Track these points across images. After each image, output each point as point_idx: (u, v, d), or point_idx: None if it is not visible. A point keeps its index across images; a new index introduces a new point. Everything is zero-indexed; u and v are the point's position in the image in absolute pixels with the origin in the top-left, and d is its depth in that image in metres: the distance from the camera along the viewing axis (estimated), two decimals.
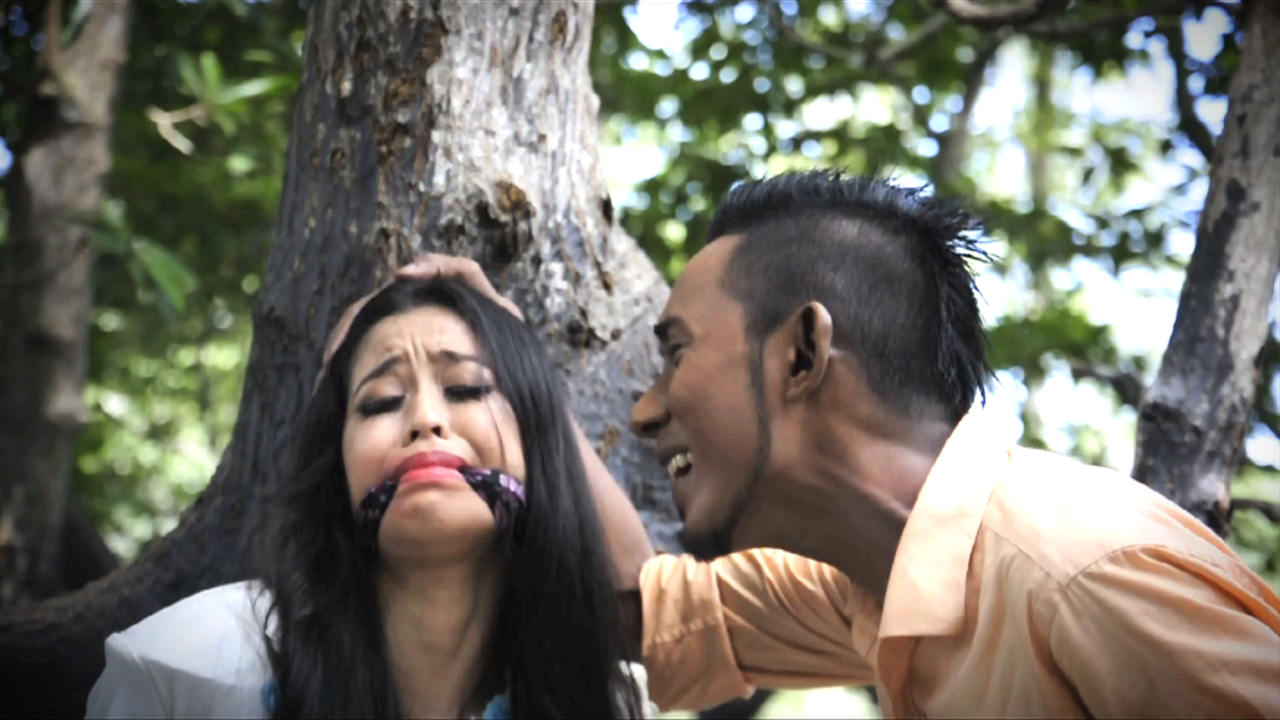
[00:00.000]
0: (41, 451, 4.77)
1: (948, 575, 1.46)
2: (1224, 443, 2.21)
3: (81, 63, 4.85)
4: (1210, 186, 2.31)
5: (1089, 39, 6.41)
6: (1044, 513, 1.41)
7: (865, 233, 1.59)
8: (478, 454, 1.67)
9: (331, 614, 1.62)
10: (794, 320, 1.55)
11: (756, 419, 1.55)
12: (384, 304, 1.77)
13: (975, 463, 1.51)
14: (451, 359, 1.70)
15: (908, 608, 1.47)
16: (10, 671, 2.10)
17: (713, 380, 1.58)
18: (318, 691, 1.57)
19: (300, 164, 2.08)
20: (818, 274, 1.57)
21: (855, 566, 1.58)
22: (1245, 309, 2.24)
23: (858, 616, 1.66)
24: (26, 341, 4.78)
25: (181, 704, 1.56)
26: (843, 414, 1.54)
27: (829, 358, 1.53)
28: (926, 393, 1.56)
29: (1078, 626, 1.32)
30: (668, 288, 2.27)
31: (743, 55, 7.54)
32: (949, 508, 1.48)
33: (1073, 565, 1.34)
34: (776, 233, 1.61)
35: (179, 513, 2.22)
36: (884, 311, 1.56)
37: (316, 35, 2.10)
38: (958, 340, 1.58)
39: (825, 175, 1.64)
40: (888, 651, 1.51)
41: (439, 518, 1.63)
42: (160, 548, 2.14)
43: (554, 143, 2.10)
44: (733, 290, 1.60)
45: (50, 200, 4.79)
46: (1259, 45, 2.31)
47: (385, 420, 1.68)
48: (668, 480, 2.22)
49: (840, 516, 1.54)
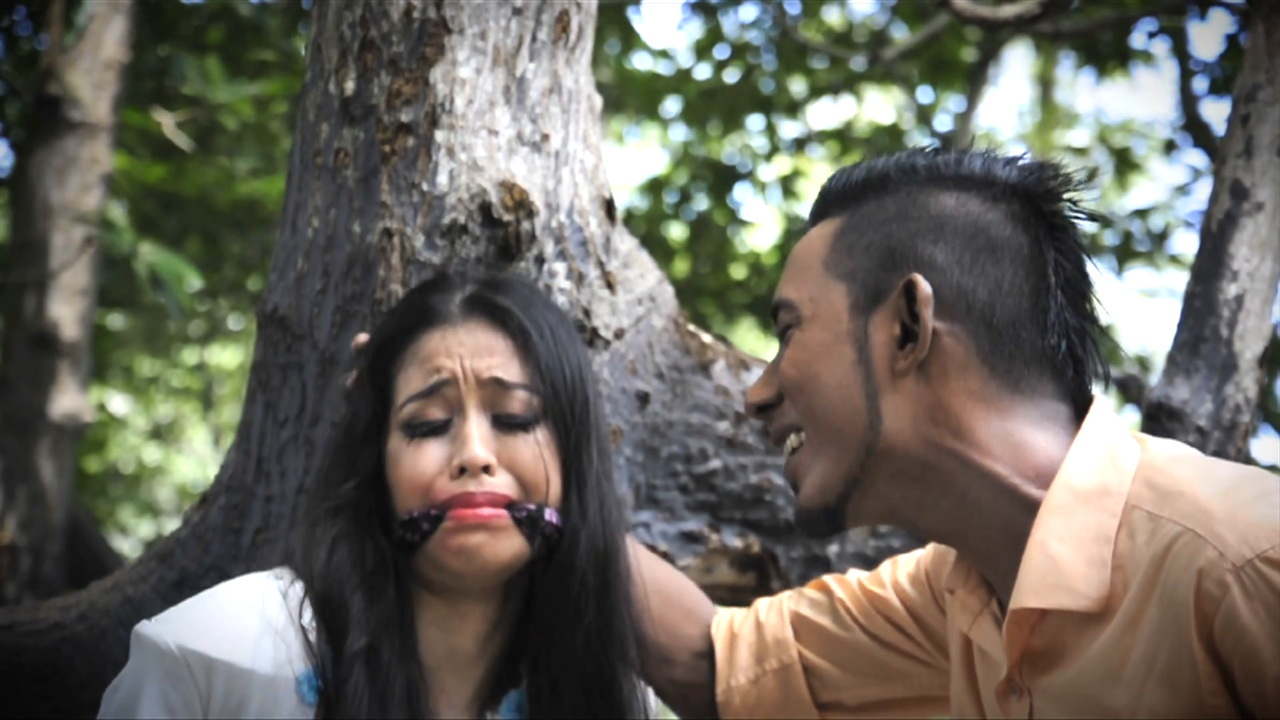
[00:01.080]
0: (45, 451, 4.78)
1: (1091, 551, 1.45)
2: (1228, 443, 2.21)
3: (85, 63, 4.86)
4: (1214, 186, 2.30)
5: (1093, 39, 6.41)
6: (1210, 494, 1.40)
7: (963, 203, 1.58)
8: (523, 489, 1.67)
9: (382, 631, 1.63)
10: (896, 294, 1.55)
11: (864, 394, 1.55)
12: (432, 313, 1.74)
13: (1114, 442, 1.51)
14: (501, 386, 1.69)
15: (1046, 581, 1.46)
16: (14, 670, 2.10)
17: (820, 358, 1.58)
18: (365, 704, 1.58)
19: (304, 163, 2.08)
20: (917, 248, 1.56)
21: (971, 542, 1.57)
22: (1249, 309, 2.24)
23: (960, 591, 1.64)
24: (30, 341, 4.79)
25: (219, 694, 1.55)
26: (954, 386, 1.53)
27: (934, 329, 1.53)
28: (1039, 368, 1.55)
29: (1248, 609, 1.31)
30: (670, 287, 2.27)
31: (746, 55, 7.55)
32: (1091, 484, 1.48)
33: (1249, 548, 1.33)
34: (875, 212, 1.61)
35: (182, 512, 2.22)
36: (988, 280, 1.55)
37: (320, 35, 2.10)
38: (1067, 308, 1.56)
39: (922, 153, 1.64)
40: (1014, 623, 1.50)
41: (483, 558, 1.64)
42: (164, 547, 2.14)
43: (557, 142, 2.10)
44: (836, 270, 1.60)
45: (54, 200, 4.80)
46: (1263, 45, 2.31)
47: (432, 445, 1.67)
48: (671, 480, 2.22)
49: (959, 492, 1.53)
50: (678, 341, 2.23)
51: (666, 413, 2.20)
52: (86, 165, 4.84)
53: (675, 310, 2.26)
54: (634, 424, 2.17)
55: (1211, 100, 6.60)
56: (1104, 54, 6.68)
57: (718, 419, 2.23)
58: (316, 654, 1.59)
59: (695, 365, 2.24)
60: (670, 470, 2.21)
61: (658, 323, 2.21)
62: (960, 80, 7.91)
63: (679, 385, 2.22)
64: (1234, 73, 4.43)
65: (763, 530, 2.28)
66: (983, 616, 1.59)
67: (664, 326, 2.22)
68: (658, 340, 2.20)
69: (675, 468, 2.22)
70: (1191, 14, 5.53)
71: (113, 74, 4.91)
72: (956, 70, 7.76)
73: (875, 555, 2.39)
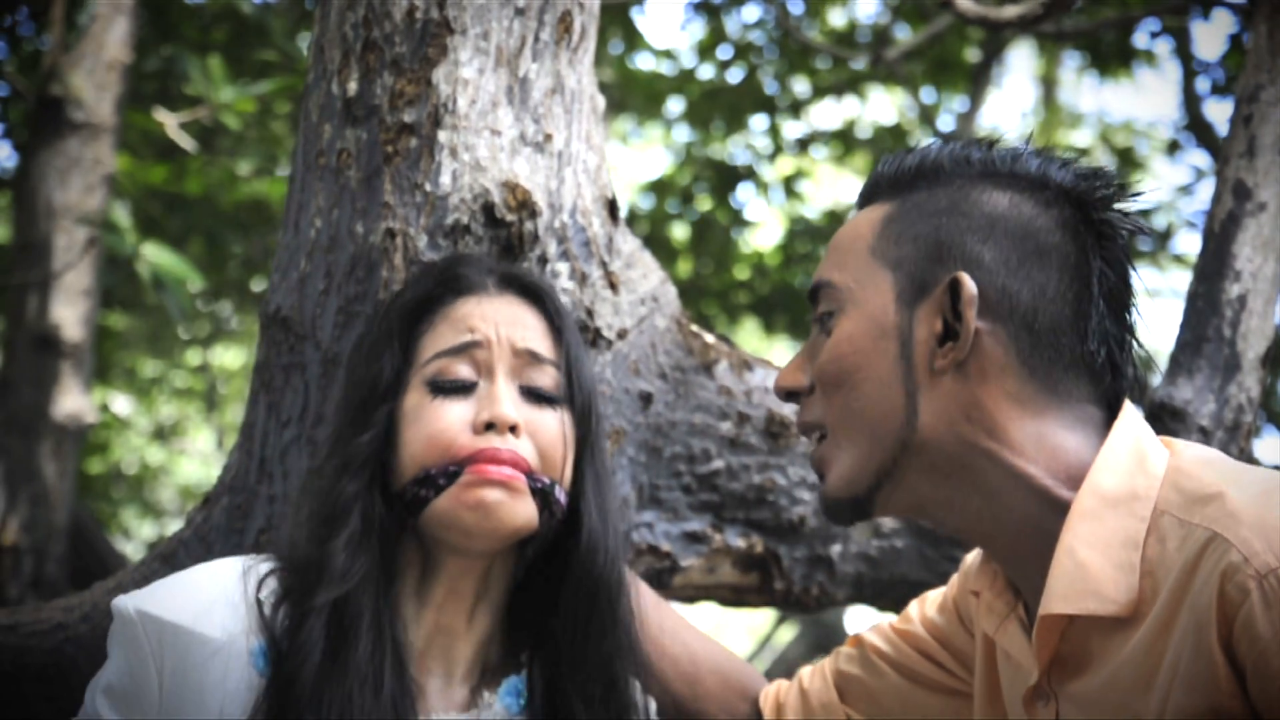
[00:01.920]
0: (48, 452, 4.78)
1: (1119, 557, 1.45)
2: (1231, 443, 2.21)
3: (88, 63, 4.86)
4: (1217, 186, 2.30)
5: (1096, 39, 6.41)
6: (1239, 499, 1.40)
7: (1016, 204, 1.58)
8: (542, 461, 1.67)
9: (355, 593, 1.62)
10: (941, 290, 1.55)
11: (904, 391, 1.55)
12: (466, 280, 1.74)
13: (1143, 447, 1.51)
14: (534, 359, 1.70)
15: (1075, 586, 1.46)
16: (17, 671, 2.10)
17: (864, 352, 1.57)
18: (317, 665, 1.57)
19: (306, 164, 2.09)
20: (966, 245, 1.56)
21: (999, 543, 1.57)
22: (1252, 309, 2.23)
23: (985, 593, 1.64)
24: (33, 342, 4.79)
25: (170, 657, 1.56)
26: (992, 386, 1.53)
27: (976, 329, 1.53)
28: (1076, 373, 1.55)
29: (1265, 617, 1.32)
30: (673, 287, 2.27)
31: (749, 55, 7.55)
32: (1120, 489, 1.48)
33: (1274, 556, 1.33)
34: (927, 203, 1.60)
35: (185, 513, 2.22)
36: (1033, 284, 1.55)
37: (322, 35, 2.11)
38: (1108, 317, 1.56)
39: (979, 145, 1.63)
40: (1044, 629, 1.50)
41: (499, 517, 1.63)
42: (167, 547, 2.14)
43: (560, 142, 2.10)
44: (883, 258, 1.59)
45: (57, 201, 4.80)
46: (1265, 45, 2.31)
47: (456, 403, 1.66)
48: (674, 480, 2.22)
49: (991, 492, 1.53)
50: (680, 342, 2.23)
51: (669, 413, 2.20)
52: (89, 166, 4.84)
53: (678, 310, 2.26)
54: (637, 424, 2.17)
55: (1214, 100, 6.60)
56: (1107, 54, 6.68)
57: (720, 419, 2.23)
58: (271, 627, 1.59)
59: (698, 365, 2.24)
60: (673, 470, 2.21)
61: (660, 323, 2.21)
62: (963, 80, 7.91)
63: (682, 385, 2.22)
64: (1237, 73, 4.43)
65: (766, 530, 2.28)
66: (1009, 621, 1.59)
67: (667, 327, 2.22)
68: (660, 340, 2.20)
69: (678, 468, 2.22)
70: (1194, 14, 5.53)
71: (116, 75, 4.91)
72: (959, 70, 7.76)
73: (878, 555, 2.39)
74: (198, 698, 1.55)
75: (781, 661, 9.87)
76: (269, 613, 1.60)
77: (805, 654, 9.83)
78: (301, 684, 1.55)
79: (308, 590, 1.62)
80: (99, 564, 5.19)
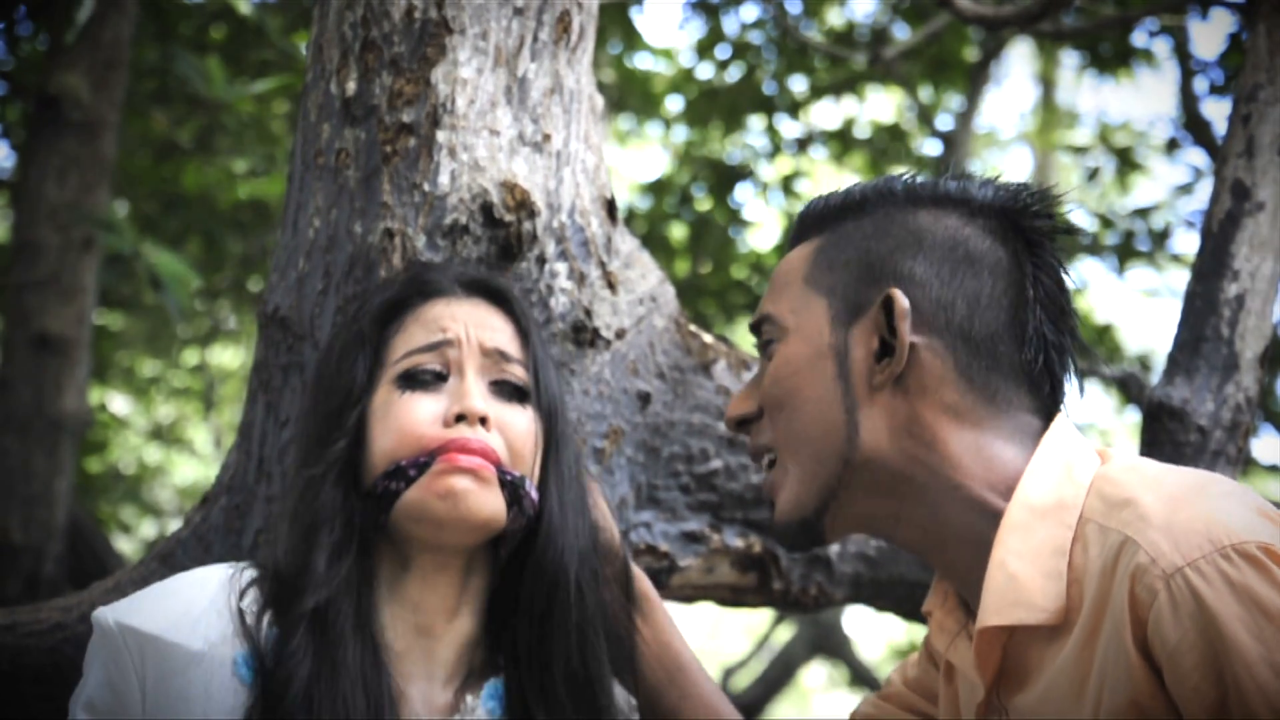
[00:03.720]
0: (46, 452, 4.77)
1: (1048, 565, 1.46)
2: (1229, 442, 2.21)
3: (86, 63, 4.85)
4: (1215, 186, 2.30)
5: (1094, 39, 6.41)
6: (1151, 502, 1.41)
7: (941, 219, 1.60)
8: (511, 456, 1.69)
9: (337, 597, 1.63)
10: (875, 309, 1.57)
11: (844, 408, 1.57)
12: (433, 285, 1.77)
13: (1072, 456, 1.52)
14: (503, 357, 1.72)
15: (1006, 598, 1.47)
16: (15, 671, 2.10)
17: (801, 372, 1.60)
18: (309, 671, 1.57)
19: (305, 164, 2.08)
20: (896, 262, 1.58)
21: (944, 557, 1.59)
22: (1250, 308, 2.24)
23: (937, 612, 1.66)
24: (31, 341, 4.78)
25: (152, 668, 1.56)
26: (930, 400, 1.55)
27: (912, 343, 1.55)
28: (1015, 382, 1.57)
29: (1173, 619, 1.33)
30: (671, 287, 2.27)
31: (747, 55, 7.55)
32: (1047, 499, 1.49)
33: (1180, 556, 1.35)
34: (854, 231, 1.63)
35: (184, 513, 2.22)
36: (967, 292, 1.57)
37: (321, 35, 2.10)
38: (1046, 322, 1.58)
39: (899, 178, 1.66)
40: (983, 643, 1.51)
41: (468, 505, 1.64)
42: (165, 547, 2.14)
43: (558, 142, 2.10)
44: (816, 286, 1.62)
45: (55, 200, 4.80)
46: (1264, 45, 2.31)
47: (426, 398, 1.68)
48: (672, 480, 2.22)
49: (932, 505, 1.55)
50: (679, 341, 2.23)
51: (668, 413, 2.20)
52: (87, 165, 4.84)
53: (676, 310, 2.26)
54: (635, 424, 2.17)
55: (1213, 100, 6.60)
56: (1105, 54, 6.68)
57: (719, 419, 2.23)
58: (254, 635, 1.60)
59: (696, 365, 2.24)
60: (671, 470, 2.21)
61: (659, 323, 2.21)
62: (962, 80, 7.91)
63: (680, 385, 2.22)
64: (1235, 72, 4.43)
65: (764, 530, 2.28)
66: (959, 638, 1.61)
67: (665, 326, 2.22)
68: (659, 340, 2.20)
69: (676, 468, 2.22)
70: (1193, 13, 5.53)
71: (114, 74, 4.91)
72: (958, 70, 7.76)
73: (876, 555, 2.39)
74: (181, 707, 1.56)
75: (779, 661, 9.88)
76: (251, 621, 1.61)
77: (803, 654, 9.83)
78: (294, 691, 1.56)
79: (292, 598, 1.62)
80: (97, 564, 5.18)
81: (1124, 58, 6.68)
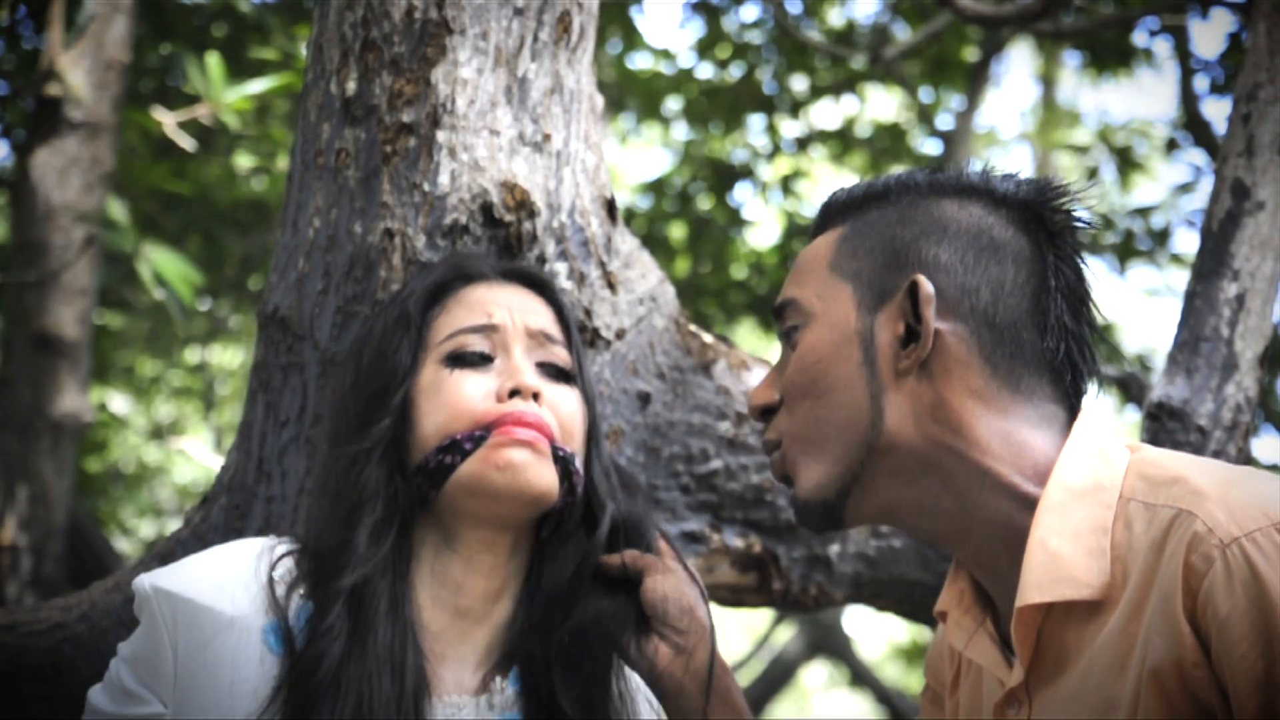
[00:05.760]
0: (46, 451, 4.77)
1: (1089, 543, 1.48)
2: (1229, 442, 2.21)
3: (86, 62, 4.85)
4: (1215, 185, 2.30)
5: (1094, 38, 6.41)
6: (1205, 478, 1.43)
7: (965, 207, 1.62)
8: (561, 432, 1.70)
9: (374, 576, 1.64)
10: (900, 295, 1.57)
11: (869, 394, 1.57)
12: (475, 270, 1.79)
13: (1104, 441, 1.54)
14: (548, 339, 1.74)
15: (1048, 575, 1.48)
16: (15, 671, 2.10)
17: (827, 359, 1.60)
18: (341, 650, 1.59)
19: (305, 163, 2.09)
20: (921, 249, 1.59)
21: (969, 544, 1.58)
22: (1250, 308, 2.24)
23: (953, 612, 1.66)
24: (31, 341, 4.78)
25: (183, 629, 1.59)
26: (955, 385, 1.55)
27: (937, 329, 1.55)
28: (1038, 371, 1.57)
29: (1226, 587, 1.34)
30: (671, 287, 2.27)
31: (748, 55, 7.55)
32: (1085, 481, 1.50)
33: (1237, 527, 1.36)
34: (879, 219, 1.64)
35: (184, 512, 2.22)
36: (990, 279, 1.57)
37: (321, 35, 2.10)
38: (1066, 312, 1.59)
39: (923, 170, 1.68)
40: (1021, 623, 1.51)
41: (526, 478, 1.65)
42: (165, 547, 2.14)
43: (558, 142, 2.10)
44: (841, 272, 1.63)
45: (55, 200, 4.80)
46: (1264, 44, 2.31)
47: (475, 375, 1.70)
48: (672, 480, 2.22)
49: (960, 491, 1.55)
50: (679, 341, 2.23)
51: (668, 413, 2.20)
52: (88, 165, 4.83)
53: (676, 310, 2.26)
54: (635, 424, 2.17)
55: (1213, 99, 6.60)
56: (1106, 53, 6.68)
57: (719, 419, 2.23)
58: (282, 605, 1.62)
59: (696, 365, 2.24)
60: (671, 470, 2.21)
61: (659, 323, 2.21)
62: (962, 79, 7.91)
63: (680, 385, 2.22)
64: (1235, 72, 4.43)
65: (764, 530, 2.28)
66: (978, 634, 1.61)
67: (665, 326, 2.22)
68: (659, 340, 2.20)
69: (676, 468, 2.22)
70: (1193, 13, 5.54)
71: (114, 73, 4.91)
72: (958, 69, 7.76)
73: (876, 555, 2.39)
74: (211, 670, 1.58)
75: (779, 661, 9.88)
76: (282, 592, 1.62)
77: (803, 654, 9.84)
78: (325, 669, 1.57)
79: (330, 574, 1.63)
80: (97, 563, 5.19)
81: (1124, 57, 6.69)
